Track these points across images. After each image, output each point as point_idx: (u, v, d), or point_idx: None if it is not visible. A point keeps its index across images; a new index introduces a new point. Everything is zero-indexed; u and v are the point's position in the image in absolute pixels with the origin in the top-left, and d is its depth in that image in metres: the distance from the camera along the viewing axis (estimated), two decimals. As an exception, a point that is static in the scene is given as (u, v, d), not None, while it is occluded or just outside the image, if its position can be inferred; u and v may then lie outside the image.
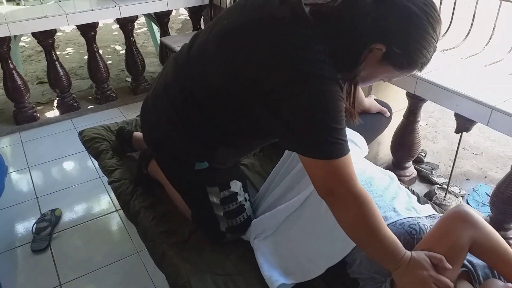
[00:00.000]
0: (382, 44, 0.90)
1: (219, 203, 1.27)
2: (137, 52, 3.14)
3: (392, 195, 1.20)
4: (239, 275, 1.21)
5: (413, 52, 0.92)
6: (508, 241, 1.72)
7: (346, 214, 0.98)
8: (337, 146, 0.93)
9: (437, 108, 2.98)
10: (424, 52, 0.92)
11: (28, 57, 4.12)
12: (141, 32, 4.81)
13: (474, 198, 2.16)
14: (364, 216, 0.96)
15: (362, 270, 1.09)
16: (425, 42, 0.91)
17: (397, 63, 0.95)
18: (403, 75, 1.02)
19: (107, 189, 2.21)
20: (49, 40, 2.72)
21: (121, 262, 1.80)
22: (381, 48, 0.91)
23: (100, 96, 3.11)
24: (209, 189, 1.26)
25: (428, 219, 1.14)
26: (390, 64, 0.95)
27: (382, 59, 0.93)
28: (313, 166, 0.96)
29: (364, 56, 0.92)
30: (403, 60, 0.94)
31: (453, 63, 1.84)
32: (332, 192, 0.96)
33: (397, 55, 0.92)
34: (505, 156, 2.52)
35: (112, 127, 1.90)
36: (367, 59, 0.94)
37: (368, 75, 0.99)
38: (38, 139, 2.74)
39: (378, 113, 1.59)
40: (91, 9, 2.64)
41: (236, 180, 1.30)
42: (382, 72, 0.99)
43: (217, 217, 1.29)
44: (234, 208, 1.29)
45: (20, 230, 2.00)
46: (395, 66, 0.96)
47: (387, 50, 0.91)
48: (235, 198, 1.29)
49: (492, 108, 1.48)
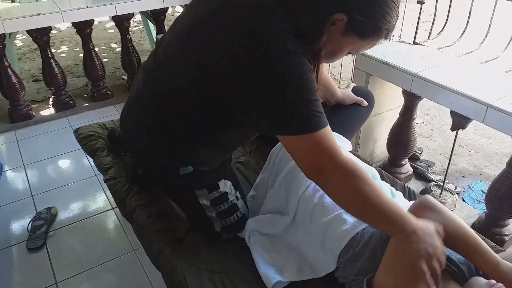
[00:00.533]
0: (343, 14, 0.90)
1: (209, 205, 1.26)
2: (133, 50, 3.13)
3: None
4: (236, 272, 1.21)
5: (375, 18, 0.91)
6: (503, 238, 1.74)
7: (339, 189, 0.95)
8: (314, 119, 0.90)
9: (433, 106, 2.99)
10: (386, 17, 0.91)
11: (23, 55, 4.09)
12: (137, 29, 4.79)
13: (470, 195, 2.17)
14: (357, 186, 0.92)
15: (346, 274, 1.09)
16: (386, 6, 0.90)
17: (361, 32, 0.94)
18: (369, 45, 1.00)
19: (103, 187, 2.20)
20: (44, 37, 2.71)
21: (117, 260, 1.79)
22: (343, 18, 0.90)
23: (96, 94, 3.10)
24: (197, 192, 1.25)
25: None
26: (354, 33, 0.94)
27: (345, 30, 0.92)
28: (294, 145, 0.94)
29: (326, 28, 0.91)
30: (366, 27, 0.92)
31: (449, 61, 1.84)
32: (319, 168, 0.93)
33: (360, 22, 0.91)
34: (500, 153, 2.53)
35: (108, 125, 1.89)
36: (330, 33, 0.92)
37: (334, 49, 0.98)
38: (34, 137, 2.73)
39: (354, 104, 1.53)
40: (86, 7, 2.62)
41: (224, 179, 1.28)
42: (347, 44, 0.98)
43: (210, 218, 1.28)
44: (226, 208, 1.28)
45: (16, 229, 1.99)
46: (359, 35, 0.94)
47: (349, 19, 0.90)
48: (226, 198, 1.28)
49: (488, 105, 1.49)
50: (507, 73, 1.73)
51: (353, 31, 0.93)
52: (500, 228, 1.75)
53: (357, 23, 0.91)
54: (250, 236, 1.28)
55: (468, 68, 1.78)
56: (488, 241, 1.30)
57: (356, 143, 2.19)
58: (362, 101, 1.53)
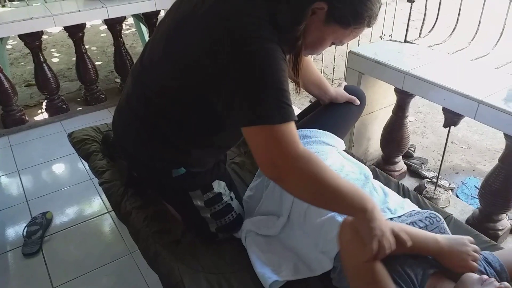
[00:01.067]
0: (323, 2, 0.88)
1: (204, 206, 1.27)
2: (125, 53, 3.12)
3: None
4: (233, 273, 1.22)
5: (356, 5, 0.89)
6: (497, 232, 1.76)
7: (299, 185, 0.93)
8: (281, 110, 0.87)
9: (426, 103, 3.01)
10: (367, 3, 0.89)
11: (16, 60, 4.08)
12: (129, 32, 4.78)
13: (463, 191, 2.19)
14: (315, 177, 0.90)
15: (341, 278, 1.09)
16: None
17: (343, 20, 0.92)
18: (352, 34, 0.98)
19: (98, 191, 2.20)
20: (36, 42, 2.70)
21: (114, 264, 1.79)
22: (323, 6, 0.88)
23: (89, 97, 3.09)
24: (191, 193, 1.26)
25: (401, 219, 1.12)
26: (336, 22, 0.92)
27: (326, 19, 0.90)
28: (254, 135, 0.90)
29: (305, 17, 0.89)
30: (347, 15, 0.91)
31: (439, 59, 1.86)
32: (278, 168, 0.90)
33: (341, 10, 0.89)
34: (492, 149, 2.55)
35: (102, 128, 1.89)
36: (311, 23, 0.91)
37: (316, 39, 0.97)
38: (27, 142, 2.72)
39: (347, 103, 1.52)
40: (78, 10, 2.62)
41: (218, 180, 1.29)
42: (329, 33, 0.96)
43: (205, 219, 1.28)
44: (221, 208, 1.28)
45: (11, 234, 1.98)
46: (341, 24, 0.93)
47: (329, 7, 0.88)
48: (220, 199, 1.28)
49: (479, 101, 1.50)
50: (497, 69, 1.75)
51: (334, 20, 0.92)
52: (494, 223, 1.77)
53: (337, 11, 0.89)
54: (246, 236, 1.29)
55: (459, 65, 1.80)
56: (483, 236, 1.31)
57: (350, 141, 2.20)
58: (355, 99, 1.52)
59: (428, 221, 1.09)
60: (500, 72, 1.73)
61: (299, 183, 0.93)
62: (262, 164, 0.93)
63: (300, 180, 0.92)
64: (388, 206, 1.18)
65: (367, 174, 1.32)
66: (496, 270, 1.04)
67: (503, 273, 1.04)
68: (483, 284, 0.90)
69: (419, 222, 1.08)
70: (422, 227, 1.07)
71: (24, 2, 2.81)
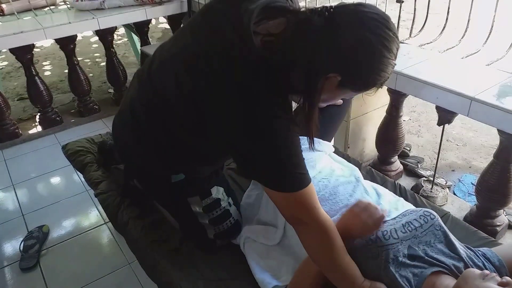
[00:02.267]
0: (337, 74, 0.88)
1: (202, 212, 1.26)
2: (118, 63, 3.12)
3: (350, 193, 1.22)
4: (232, 280, 1.21)
5: (369, 77, 0.90)
6: (495, 229, 1.76)
7: (312, 241, 1.02)
8: (297, 180, 0.95)
9: (419, 103, 3.02)
10: (381, 74, 0.90)
11: (7, 74, 4.06)
12: (121, 42, 4.78)
13: (460, 189, 2.20)
14: (328, 242, 0.99)
15: None
16: (381, 65, 0.87)
17: (355, 88, 0.95)
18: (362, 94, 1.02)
19: (94, 202, 2.18)
20: (27, 55, 2.69)
21: (112, 275, 1.78)
22: (337, 76, 0.89)
23: (83, 109, 3.08)
24: (190, 199, 1.25)
25: (396, 220, 1.11)
26: (348, 88, 0.94)
27: (339, 85, 0.91)
28: (276, 197, 0.99)
29: (320, 84, 0.90)
30: (360, 86, 0.94)
31: (431, 57, 1.87)
32: (298, 220, 1.00)
33: (354, 82, 0.92)
34: (487, 145, 2.56)
35: (96, 139, 1.88)
36: (324, 85, 0.91)
37: (327, 98, 0.99)
38: (22, 156, 2.70)
39: (328, 106, 1.43)
40: (68, 22, 2.62)
41: (217, 186, 1.29)
42: (340, 94, 0.98)
43: (203, 226, 1.28)
44: (219, 214, 1.28)
45: (8, 249, 1.96)
46: (353, 90, 0.95)
47: (343, 78, 0.89)
48: (218, 204, 1.28)
49: (471, 98, 1.51)
50: (488, 66, 1.76)
51: (346, 87, 0.93)
52: (491, 219, 1.77)
53: (350, 82, 0.92)
54: (244, 242, 1.28)
55: (450, 63, 1.80)
56: (481, 232, 1.31)
57: (345, 143, 2.20)
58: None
59: (423, 219, 1.08)
60: (491, 68, 1.74)
61: (316, 244, 1.01)
62: (285, 216, 1.02)
63: (318, 242, 1.01)
64: (382, 208, 1.17)
65: (357, 176, 1.32)
66: (495, 265, 1.05)
67: (502, 269, 1.04)
68: (485, 279, 0.90)
69: (414, 221, 1.08)
70: (418, 227, 1.07)
71: (14, 16, 2.80)
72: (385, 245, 1.02)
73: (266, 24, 0.93)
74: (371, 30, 0.84)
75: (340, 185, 1.25)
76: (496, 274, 0.91)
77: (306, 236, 1.02)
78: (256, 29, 0.91)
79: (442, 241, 1.07)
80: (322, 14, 0.85)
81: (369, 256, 1.03)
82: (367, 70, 0.88)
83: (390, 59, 0.88)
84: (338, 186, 1.24)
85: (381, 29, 0.85)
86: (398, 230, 1.05)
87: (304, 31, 0.86)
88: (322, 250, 1.01)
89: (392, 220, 1.12)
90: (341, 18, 0.85)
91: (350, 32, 0.84)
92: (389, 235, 1.03)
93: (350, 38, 0.84)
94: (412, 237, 1.05)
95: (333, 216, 1.14)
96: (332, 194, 1.22)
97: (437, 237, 1.07)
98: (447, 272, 1.01)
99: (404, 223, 1.08)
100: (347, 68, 0.88)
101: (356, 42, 0.84)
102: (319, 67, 0.88)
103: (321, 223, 0.98)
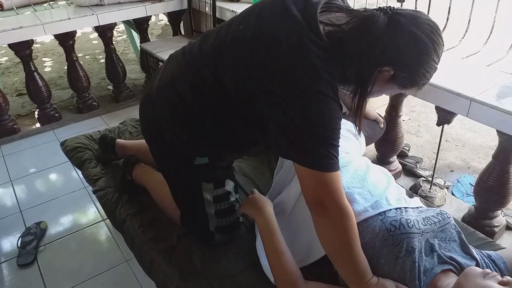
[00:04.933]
0: (391, 67, 0.95)
1: (211, 201, 1.27)
2: (117, 60, 3.12)
3: (385, 186, 1.23)
4: (229, 278, 1.21)
5: (417, 76, 0.97)
6: (493, 229, 1.76)
7: (329, 228, 1.01)
8: (330, 161, 0.97)
9: (419, 103, 3.02)
10: (427, 75, 0.98)
11: (6, 69, 4.05)
12: (120, 39, 4.77)
13: (459, 189, 2.20)
14: (345, 231, 1.00)
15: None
16: (428, 66, 0.96)
17: (402, 84, 1.00)
18: (404, 92, 1.07)
19: (92, 199, 2.18)
20: (26, 51, 2.68)
21: (110, 272, 1.78)
22: (390, 70, 0.96)
23: (82, 105, 3.08)
24: (204, 185, 1.26)
25: (415, 211, 1.14)
26: (396, 84, 1.00)
27: (389, 79, 0.98)
28: (306, 175, 1.00)
29: (375, 75, 0.97)
30: (407, 82, 0.99)
31: (431, 57, 1.86)
32: (321, 202, 1.00)
33: (403, 77, 0.97)
34: (486, 146, 2.57)
35: (95, 136, 1.88)
36: (377, 78, 0.98)
37: (375, 90, 1.04)
38: (20, 152, 2.69)
39: (373, 121, 1.65)
40: (68, 18, 2.61)
41: (230, 180, 1.31)
42: (387, 89, 1.04)
43: (207, 215, 1.28)
44: (226, 208, 1.29)
45: (5, 245, 1.96)
46: (399, 85, 1.01)
47: (395, 72, 0.96)
48: (228, 198, 1.29)
49: (471, 99, 1.51)
50: (488, 67, 1.76)
51: (395, 82, 1.00)
52: (489, 220, 1.77)
53: (400, 77, 0.98)
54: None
55: (450, 64, 1.80)
56: (479, 233, 1.32)
57: (345, 142, 2.20)
58: (382, 120, 1.66)
59: (440, 217, 1.11)
60: (491, 69, 1.73)
61: (333, 230, 1.01)
62: (307, 198, 1.02)
63: (336, 228, 1.01)
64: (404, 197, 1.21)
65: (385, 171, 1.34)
66: (499, 268, 1.06)
67: (506, 272, 1.05)
68: (486, 277, 0.90)
69: (432, 217, 1.10)
70: (436, 222, 1.09)
71: (13, 11, 2.79)
72: (408, 232, 1.03)
73: (328, 15, 1.00)
74: (426, 34, 0.93)
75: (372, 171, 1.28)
76: (497, 274, 0.92)
77: (324, 221, 1.01)
78: (320, 18, 0.97)
79: (456, 240, 1.09)
80: (387, 13, 0.94)
81: (389, 243, 1.03)
82: (417, 68, 0.96)
83: (435, 63, 0.98)
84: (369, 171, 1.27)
85: (434, 35, 0.94)
86: (419, 222, 1.07)
87: (369, 25, 0.94)
88: (338, 238, 1.01)
89: (411, 210, 1.14)
90: (401, 18, 0.93)
91: (408, 31, 0.92)
92: (412, 224, 1.05)
93: (408, 36, 0.92)
94: (431, 231, 1.07)
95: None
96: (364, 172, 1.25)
97: (452, 236, 1.09)
98: (455, 271, 1.02)
99: (424, 217, 1.10)
100: (401, 63, 0.95)
101: (412, 41, 0.93)
102: (377, 60, 0.95)
103: (343, 209, 0.99)
